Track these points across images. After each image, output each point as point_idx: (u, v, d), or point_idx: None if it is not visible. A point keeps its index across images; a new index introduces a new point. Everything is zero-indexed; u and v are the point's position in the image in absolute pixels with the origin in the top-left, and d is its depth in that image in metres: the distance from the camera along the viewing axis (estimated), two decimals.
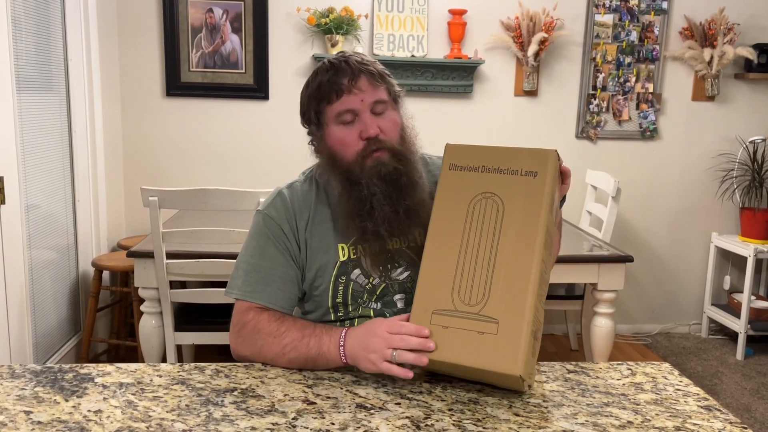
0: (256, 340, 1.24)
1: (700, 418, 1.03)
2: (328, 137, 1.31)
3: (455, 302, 1.08)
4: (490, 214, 1.11)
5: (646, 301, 3.86)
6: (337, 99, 1.27)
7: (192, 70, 3.38)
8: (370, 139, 1.26)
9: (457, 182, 1.14)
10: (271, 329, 1.24)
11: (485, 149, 1.15)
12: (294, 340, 1.20)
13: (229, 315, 1.32)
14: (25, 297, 2.46)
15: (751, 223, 3.52)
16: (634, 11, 3.53)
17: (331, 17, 3.27)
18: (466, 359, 1.05)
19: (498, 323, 1.06)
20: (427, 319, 1.09)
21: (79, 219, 3.06)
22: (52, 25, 2.83)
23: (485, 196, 1.12)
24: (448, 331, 1.07)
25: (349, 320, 1.32)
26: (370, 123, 1.26)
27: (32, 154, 2.61)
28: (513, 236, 1.09)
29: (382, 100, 1.29)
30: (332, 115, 1.28)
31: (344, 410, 1.03)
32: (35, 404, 1.02)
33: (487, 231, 1.11)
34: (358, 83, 1.26)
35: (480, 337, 1.06)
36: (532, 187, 1.11)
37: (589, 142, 3.65)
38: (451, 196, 1.14)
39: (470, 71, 3.45)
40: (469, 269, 1.10)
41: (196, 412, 1.01)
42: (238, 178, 3.48)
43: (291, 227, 1.33)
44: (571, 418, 1.02)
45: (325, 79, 1.28)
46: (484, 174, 1.13)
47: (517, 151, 1.14)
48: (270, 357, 1.22)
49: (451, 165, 1.16)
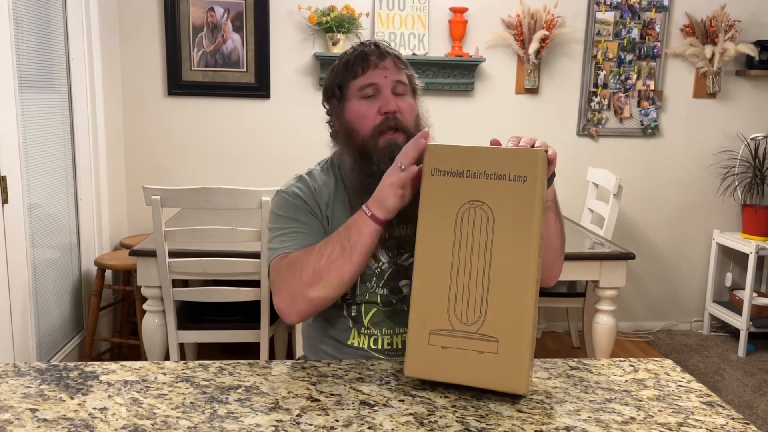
0: (294, 271, 1.25)
1: (702, 414, 1.04)
2: (347, 111, 1.35)
3: (452, 321, 1.05)
4: (480, 225, 1.05)
5: (647, 299, 3.86)
6: (362, 73, 1.33)
7: (193, 69, 3.38)
8: (388, 115, 1.31)
9: (442, 189, 1.06)
10: (303, 252, 1.27)
11: (469, 150, 1.06)
12: (324, 242, 1.24)
13: (231, 313, 1.33)
14: (28, 296, 2.46)
15: (752, 220, 3.52)
16: (635, 8, 3.53)
17: (332, 16, 3.27)
18: (469, 379, 1.05)
19: (498, 342, 1.04)
20: (425, 339, 1.06)
21: (82, 218, 3.07)
22: (53, 24, 2.84)
23: (473, 204, 1.05)
24: (447, 351, 1.05)
25: (356, 305, 1.34)
26: (390, 99, 1.31)
27: (34, 154, 2.61)
28: (506, 248, 1.04)
29: (404, 82, 1.35)
30: (355, 89, 1.33)
31: (348, 407, 1.03)
32: (41, 402, 1.02)
33: (478, 243, 1.05)
34: (384, 62, 1.33)
35: (481, 356, 1.04)
36: (522, 193, 1.04)
37: (591, 139, 3.65)
38: (437, 205, 1.06)
39: (471, 69, 3.45)
40: (463, 286, 1.05)
41: (201, 410, 1.01)
42: (240, 176, 3.49)
43: (316, 202, 1.36)
44: (574, 415, 1.02)
45: (353, 56, 1.35)
46: (470, 180, 1.05)
47: (503, 152, 1.06)
48: (312, 271, 1.22)
49: (433, 169, 1.06)
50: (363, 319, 1.35)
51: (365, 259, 1.22)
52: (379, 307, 1.34)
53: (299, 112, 3.46)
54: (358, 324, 1.35)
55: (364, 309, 1.34)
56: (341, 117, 1.36)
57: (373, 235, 1.20)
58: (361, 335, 1.35)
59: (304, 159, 1.75)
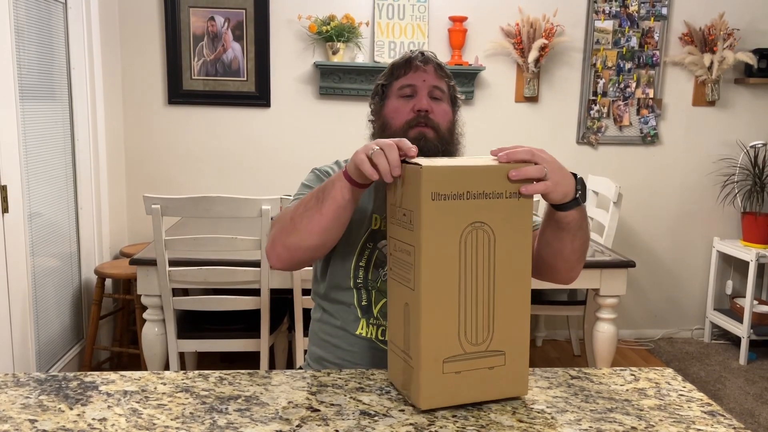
0: (280, 219, 1.30)
1: (703, 423, 1.03)
2: (385, 108, 1.43)
3: (463, 345, 1.04)
4: (482, 246, 1.03)
5: (648, 306, 3.86)
6: (404, 75, 1.42)
7: (194, 78, 3.39)
8: (421, 112, 1.37)
9: (443, 214, 1.00)
10: (292, 204, 1.31)
11: (466, 171, 1.02)
12: (308, 193, 1.27)
13: (231, 322, 1.34)
14: (28, 305, 2.46)
15: (752, 227, 3.52)
16: (634, 17, 3.55)
17: (332, 25, 3.28)
18: (481, 396, 1.06)
19: (504, 354, 1.06)
20: (438, 370, 1.04)
21: (82, 227, 3.07)
22: (54, 34, 2.85)
23: (474, 226, 1.02)
24: (461, 376, 1.05)
25: (367, 291, 1.37)
26: (425, 99, 1.39)
27: (35, 163, 2.62)
28: (506, 265, 1.04)
29: (442, 89, 1.42)
30: (395, 88, 1.42)
31: (348, 417, 1.03)
32: (40, 412, 1.02)
33: (482, 265, 1.03)
34: (426, 67, 1.41)
35: (490, 371, 1.06)
36: (517, 209, 1.04)
37: (590, 147, 3.66)
38: (439, 231, 1.01)
39: (471, 78, 3.46)
40: (471, 309, 1.04)
41: (201, 420, 1.01)
42: (241, 185, 3.49)
43: None
44: (574, 424, 1.02)
45: (399, 61, 1.45)
46: (470, 201, 1.01)
47: (497, 170, 1.03)
48: (290, 218, 1.25)
49: (433, 194, 0.99)
50: (373, 309, 1.38)
51: (334, 213, 1.21)
52: None
53: (299, 121, 3.47)
54: (368, 314, 1.38)
55: (375, 297, 1.37)
56: (380, 114, 1.45)
57: (343, 190, 1.19)
58: (370, 325, 1.38)
59: (305, 167, 1.75)
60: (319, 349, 1.44)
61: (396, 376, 1.11)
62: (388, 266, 1.11)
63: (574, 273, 1.37)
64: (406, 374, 1.07)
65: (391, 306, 1.11)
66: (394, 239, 1.09)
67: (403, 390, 1.09)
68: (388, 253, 1.11)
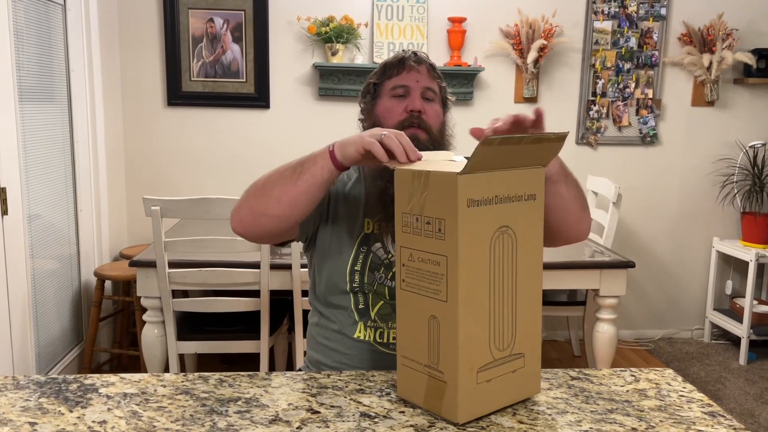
0: (255, 184, 1.30)
1: (704, 424, 1.03)
2: (377, 107, 1.42)
3: (492, 353, 1.03)
4: (507, 251, 1.02)
5: (648, 307, 3.86)
6: (396, 75, 1.41)
7: (193, 80, 3.39)
8: (413, 113, 1.37)
9: (477, 221, 0.98)
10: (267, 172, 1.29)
11: (496, 177, 1.00)
12: (287, 163, 1.26)
13: (231, 324, 1.34)
14: (27, 307, 2.46)
15: (752, 227, 3.52)
16: (633, 18, 3.55)
17: (331, 26, 3.28)
18: (506, 400, 1.07)
19: (524, 356, 1.07)
20: (473, 381, 1.01)
21: (81, 229, 3.07)
22: (53, 36, 2.85)
23: (501, 231, 1.01)
24: (490, 384, 1.04)
25: (363, 294, 1.37)
26: (417, 99, 1.39)
27: (34, 165, 2.62)
28: (526, 267, 1.05)
29: (434, 90, 1.42)
30: (388, 88, 1.41)
31: (348, 419, 1.03)
32: (40, 415, 1.02)
33: (507, 270, 1.02)
34: (420, 68, 1.41)
35: (513, 375, 1.06)
36: (533, 211, 1.05)
37: (590, 148, 3.66)
38: (474, 239, 0.98)
39: (470, 78, 3.46)
40: (499, 315, 1.03)
41: (201, 422, 1.01)
42: (240, 186, 3.45)
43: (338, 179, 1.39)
44: (575, 425, 1.02)
45: (392, 60, 1.44)
46: (498, 205, 1.01)
47: (519, 173, 1.03)
48: (262, 183, 1.27)
49: (469, 201, 0.97)
50: (370, 312, 1.37)
51: (308, 189, 1.22)
52: (386, 300, 1.36)
53: (298, 122, 3.47)
54: (365, 317, 1.37)
55: (372, 300, 1.37)
56: (371, 113, 1.44)
57: (324, 169, 1.20)
58: (368, 328, 1.37)
59: None
60: (317, 353, 1.44)
61: (413, 392, 1.06)
62: (399, 277, 1.05)
63: (584, 224, 1.38)
64: (432, 389, 1.03)
65: (405, 319, 1.05)
66: (408, 249, 1.03)
67: (427, 405, 1.04)
68: (399, 264, 1.05)
